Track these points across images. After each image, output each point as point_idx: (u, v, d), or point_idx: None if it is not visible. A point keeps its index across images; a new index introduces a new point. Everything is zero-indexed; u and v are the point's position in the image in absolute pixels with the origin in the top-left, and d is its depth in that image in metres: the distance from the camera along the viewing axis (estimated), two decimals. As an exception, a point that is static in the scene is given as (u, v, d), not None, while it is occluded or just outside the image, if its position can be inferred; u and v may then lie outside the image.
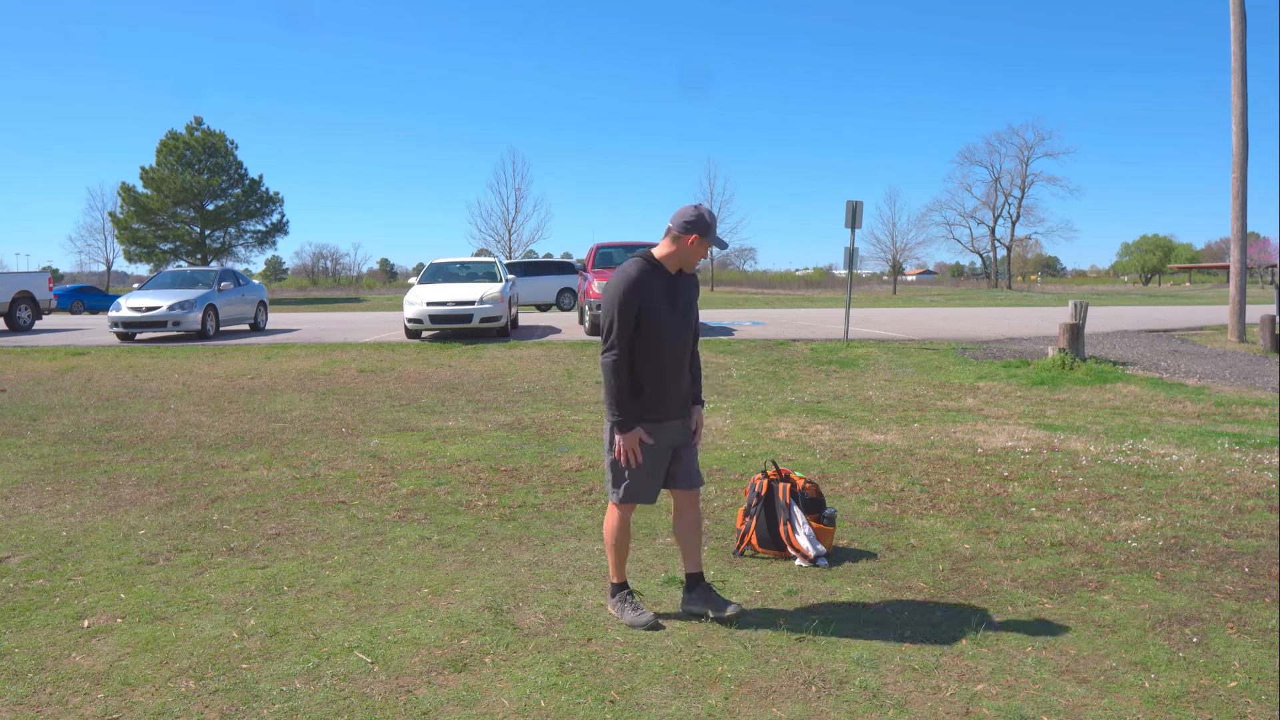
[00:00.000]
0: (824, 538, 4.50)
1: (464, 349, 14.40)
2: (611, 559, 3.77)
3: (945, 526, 5.01)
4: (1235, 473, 6.12)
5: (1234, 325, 16.42)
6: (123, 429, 8.31)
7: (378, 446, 7.34)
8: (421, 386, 10.98)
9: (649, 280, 3.56)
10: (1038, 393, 10.12)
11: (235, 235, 59.45)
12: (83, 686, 3.18)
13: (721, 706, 3.00)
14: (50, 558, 4.58)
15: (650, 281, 3.56)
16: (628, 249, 18.42)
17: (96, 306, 36.79)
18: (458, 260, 18.54)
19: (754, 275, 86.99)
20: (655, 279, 3.58)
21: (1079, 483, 5.92)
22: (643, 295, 3.52)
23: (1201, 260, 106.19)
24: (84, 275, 73.19)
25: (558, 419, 8.57)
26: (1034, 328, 18.92)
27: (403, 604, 3.91)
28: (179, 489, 6.00)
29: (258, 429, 8.24)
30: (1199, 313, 25.80)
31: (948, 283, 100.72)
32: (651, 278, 3.57)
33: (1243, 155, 16.15)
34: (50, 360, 13.88)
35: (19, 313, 20.54)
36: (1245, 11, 16.23)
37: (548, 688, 3.13)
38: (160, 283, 18.93)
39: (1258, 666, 3.26)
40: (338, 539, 4.87)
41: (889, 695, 3.06)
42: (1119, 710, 2.95)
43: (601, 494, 5.77)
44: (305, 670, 3.28)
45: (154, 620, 3.76)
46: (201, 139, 57.18)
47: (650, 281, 3.56)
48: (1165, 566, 4.33)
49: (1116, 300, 40.01)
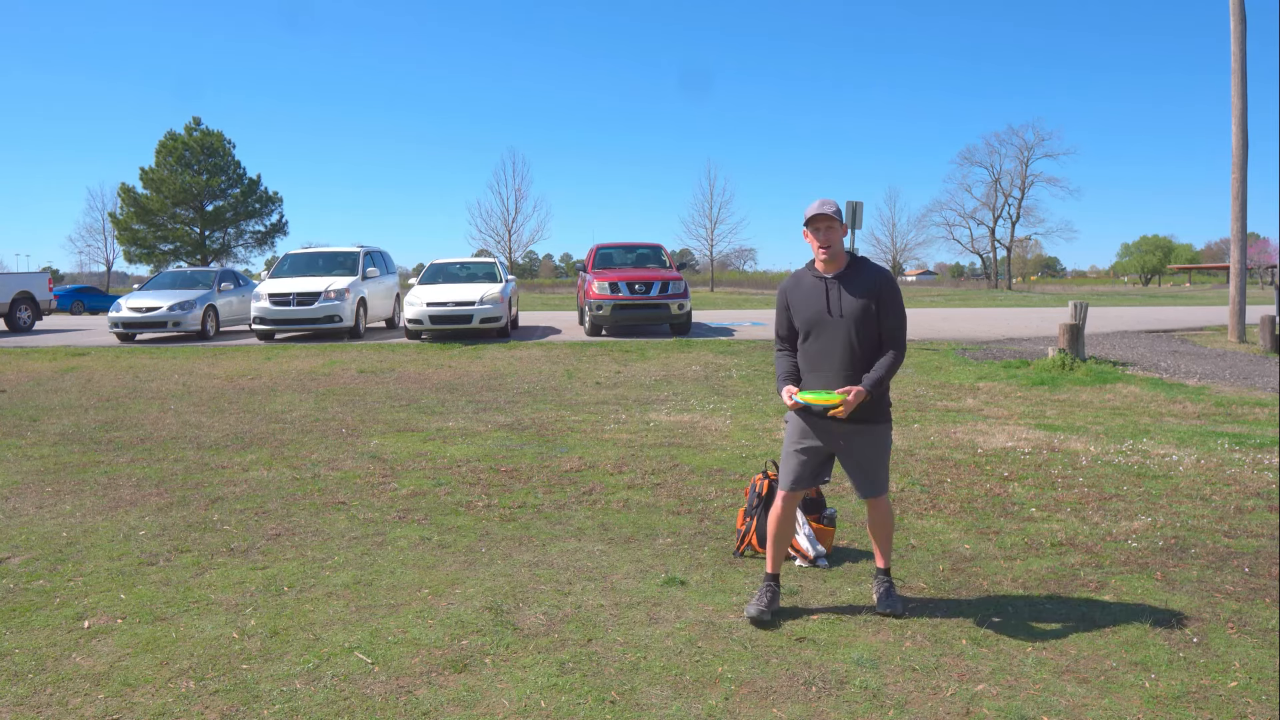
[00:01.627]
0: (824, 538, 4.50)
1: (464, 349, 14.40)
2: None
3: (945, 526, 5.01)
4: (1235, 473, 6.12)
5: (1234, 325, 16.42)
6: (123, 429, 8.31)
7: (378, 447, 7.34)
8: (421, 387, 10.98)
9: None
10: (1038, 393, 10.12)
11: (235, 236, 59.48)
12: (83, 687, 3.18)
13: (721, 707, 3.00)
14: (50, 558, 4.58)
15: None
16: (628, 249, 18.43)
17: (96, 307, 36.76)
18: (457, 261, 18.55)
19: (754, 276, 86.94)
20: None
21: (1079, 483, 5.92)
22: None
23: (1201, 261, 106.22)
24: (84, 276, 73.13)
25: (558, 419, 8.58)
26: (1034, 328, 18.92)
27: (403, 604, 3.91)
28: (179, 490, 6.00)
29: (258, 430, 8.24)
30: (1199, 313, 25.80)
31: (948, 283, 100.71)
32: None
33: (1243, 156, 16.15)
34: (50, 361, 13.88)
35: (19, 313, 20.54)
36: (1245, 12, 16.24)
37: (548, 688, 3.13)
38: (160, 283, 18.92)
39: (1258, 666, 3.26)
40: (338, 539, 4.87)
41: (889, 695, 3.07)
42: (1119, 710, 2.95)
43: (601, 494, 5.77)
44: (305, 671, 3.28)
45: (154, 621, 3.76)
46: (200, 139, 57.20)
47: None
48: (1165, 566, 4.33)
49: (1116, 301, 40.01)
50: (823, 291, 3.65)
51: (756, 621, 3.64)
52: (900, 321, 3.65)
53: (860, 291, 3.60)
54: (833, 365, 3.64)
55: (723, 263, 77.09)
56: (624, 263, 17.85)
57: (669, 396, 10.00)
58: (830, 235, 3.61)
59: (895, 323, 3.63)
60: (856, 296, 3.59)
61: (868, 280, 3.63)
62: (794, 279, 3.80)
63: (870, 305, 3.59)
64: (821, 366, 3.67)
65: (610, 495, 5.75)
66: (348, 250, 18.21)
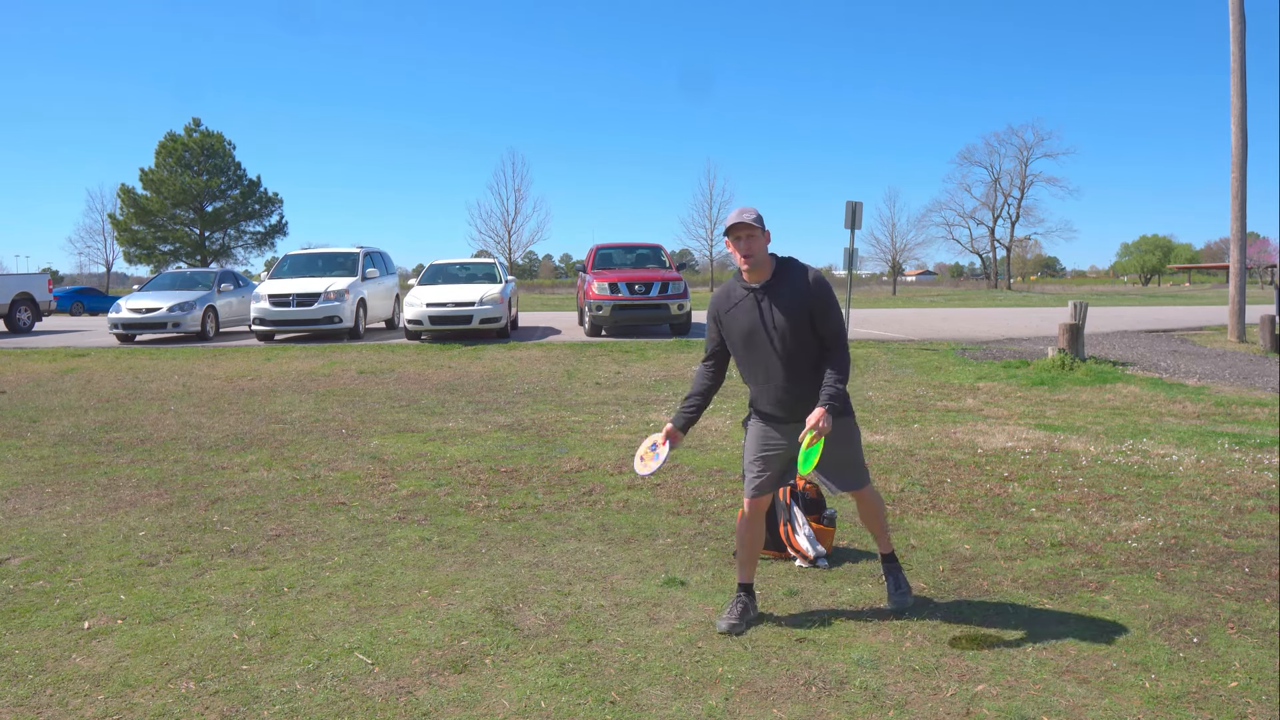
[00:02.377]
0: (824, 538, 4.50)
1: (464, 350, 14.40)
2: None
3: (945, 527, 5.01)
4: (1235, 473, 6.12)
5: (1234, 325, 16.43)
6: (123, 430, 8.31)
7: (378, 448, 7.34)
8: (421, 388, 10.98)
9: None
10: (1038, 393, 10.12)
11: (235, 237, 59.50)
12: (83, 688, 3.18)
13: (722, 707, 3.00)
14: (50, 559, 4.58)
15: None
16: (627, 250, 18.43)
17: (96, 308, 36.78)
18: (457, 261, 18.56)
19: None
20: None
21: (1079, 483, 5.92)
22: None
23: (1201, 260, 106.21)
24: (84, 277, 73.08)
25: (558, 420, 8.58)
26: (1034, 328, 18.92)
27: (403, 605, 3.91)
28: (179, 490, 6.00)
29: (258, 430, 8.24)
30: (1199, 313, 25.81)
31: (947, 283, 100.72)
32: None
33: (1242, 155, 16.15)
34: (50, 362, 13.88)
35: (19, 314, 20.55)
36: (1245, 12, 16.24)
37: (548, 689, 3.13)
38: (160, 284, 18.94)
39: (1258, 666, 3.26)
40: (338, 540, 4.87)
41: (889, 696, 3.07)
42: (1119, 710, 2.95)
43: (601, 495, 5.77)
44: (305, 671, 3.28)
45: (154, 622, 3.76)
46: (200, 140, 57.22)
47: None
48: (1165, 566, 4.33)
49: (1116, 300, 40.01)
50: (754, 303, 3.56)
51: (728, 634, 3.58)
52: (839, 324, 3.56)
53: (791, 300, 3.51)
54: (775, 378, 3.56)
55: (722, 263, 77.01)
56: (624, 263, 17.86)
57: (669, 396, 10.00)
58: (751, 244, 3.50)
59: (835, 327, 3.55)
60: (789, 306, 3.50)
61: (798, 286, 3.53)
62: (724, 291, 3.69)
63: (804, 314, 3.49)
64: (762, 379, 3.60)
65: (610, 495, 5.75)
66: (347, 251, 18.22)
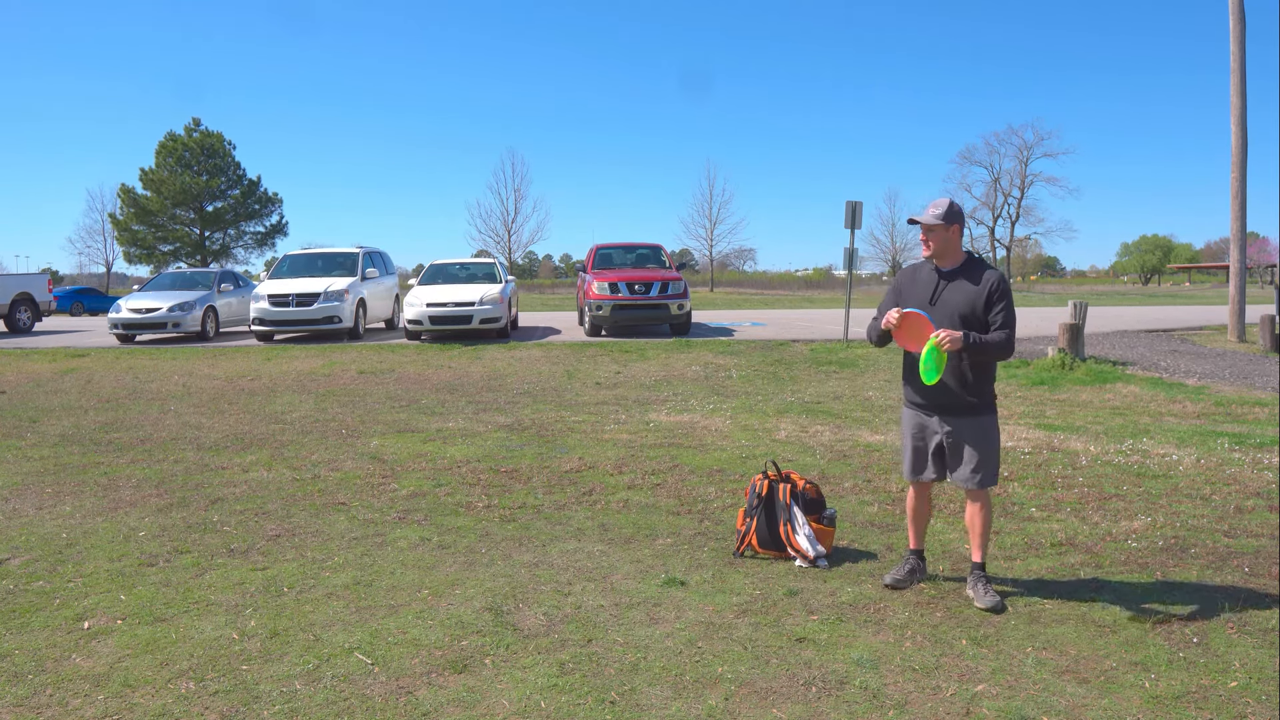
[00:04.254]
0: (824, 538, 4.50)
1: (464, 350, 14.40)
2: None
3: (945, 527, 5.01)
4: (1235, 473, 6.12)
5: (1234, 325, 16.42)
6: (123, 431, 8.32)
7: (378, 448, 7.35)
8: (421, 388, 10.98)
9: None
10: (1037, 393, 10.13)
11: (235, 237, 59.44)
12: (83, 688, 3.18)
13: (722, 707, 3.00)
14: (50, 559, 4.58)
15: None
16: (627, 250, 18.42)
17: (96, 308, 36.75)
18: (457, 261, 18.55)
19: (754, 276, 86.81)
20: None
21: (1079, 483, 5.92)
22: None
23: (1201, 260, 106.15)
24: (84, 277, 73.03)
25: (557, 420, 8.58)
26: (1033, 328, 18.91)
27: (403, 605, 3.91)
28: (179, 490, 6.00)
29: (258, 430, 8.24)
30: (1199, 313, 25.79)
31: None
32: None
33: (1242, 155, 16.15)
34: (50, 362, 13.88)
35: (19, 314, 20.53)
36: (1244, 11, 16.24)
37: (548, 689, 3.13)
38: (160, 284, 18.92)
39: (1258, 666, 3.26)
40: (338, 540, 4.87)
41: (889, 696, 3.07)
42: (1119, 710, 2.95)
43: (601, 495, 5.77)
44: (305, 671, 3.28)
45: (154, 622, 3.76)
46: (200, 140, 57.17)
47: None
48: (1165, 566, 4.33)
49: (1116, 300, 40.01)
50: (935, 280, 3.92)
51: (892, 587, 4.03)
52: (1009, 318, 3.81)
53: (968, 290, 3.83)
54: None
55: (722, 263, 77.14)
56: (624, 263, 17.85)
57: (669, 397, 10.00)
58: (933, 236, 3.88)
59: (1003, 320, 3.80)
60: (964, 291, 3.83)
61: (977, 280, 3.85)
62: (914, 266, 4.10)
63: (976, 303, 3.80)
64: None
65: (610, 495, 5.75)
66: (347, 251, 18.22)
